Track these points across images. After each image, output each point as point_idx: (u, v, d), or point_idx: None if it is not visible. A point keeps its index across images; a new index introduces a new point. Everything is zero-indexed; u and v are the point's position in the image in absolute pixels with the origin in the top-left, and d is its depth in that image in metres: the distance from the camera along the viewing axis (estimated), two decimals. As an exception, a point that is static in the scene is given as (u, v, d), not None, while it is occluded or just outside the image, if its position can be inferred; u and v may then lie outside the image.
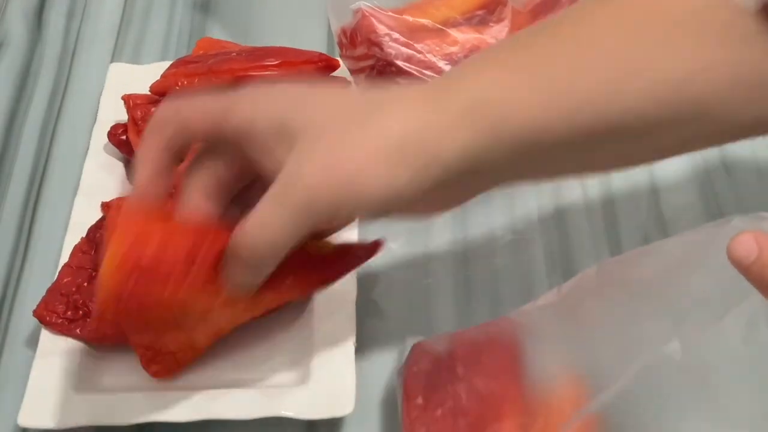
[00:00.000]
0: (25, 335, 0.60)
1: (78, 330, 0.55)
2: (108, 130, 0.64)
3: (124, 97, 0.64)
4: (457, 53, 0.60)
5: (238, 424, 0.52)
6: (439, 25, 0.60)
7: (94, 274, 0.57)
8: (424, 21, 0.60)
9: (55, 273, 0.58)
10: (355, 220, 0.60)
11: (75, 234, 0.60)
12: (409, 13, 0.60)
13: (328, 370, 0.53)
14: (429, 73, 0.59)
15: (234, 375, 0.55)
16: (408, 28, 0.60)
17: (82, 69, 0.76)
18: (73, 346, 0.55)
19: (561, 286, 0.50)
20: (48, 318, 0.55)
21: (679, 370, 0.41)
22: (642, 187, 0.67)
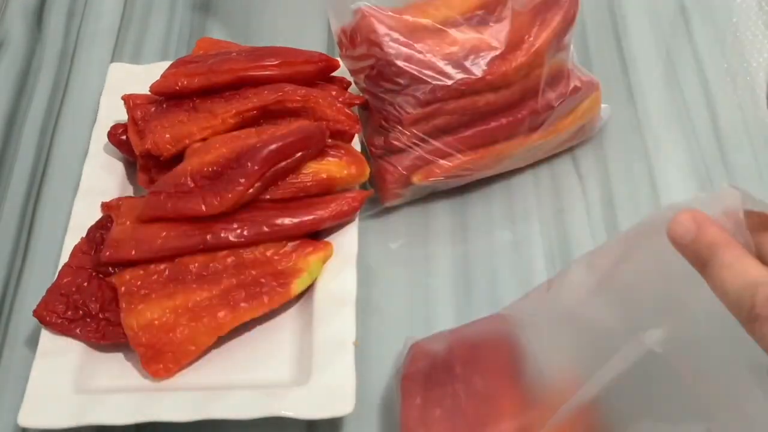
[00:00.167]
0: (25, 335, 0.60)
1: (78, 330, 0.55)
2: (108, 130, 0.64)
3: (124, 97, 0.64)
4: (457, 53, 0.60)
5: (238, 424, 0.52)
6: (439, 25, 0.60)
7: (94, 274, 0.57)
8: (424, 21, 0.60)
9: (55, 273, 0.58)
10: (355, 220, 0.60)
11: (75, 234, 0.60)
12: (409, 13, 0.60)
13: (328, 370, 0.53)
14: (429, 72, 0.59)
15: (234, 375, 0.55)
16: (408, 28, 0.60)
17: (81, 69, 0.76)
18: (73, 346, 0.55)
19: (550, 280, 0.50)
20: (48, 318, 0.55)
21: (660, 360, 0.40)
22: (642, 187, 0.67)
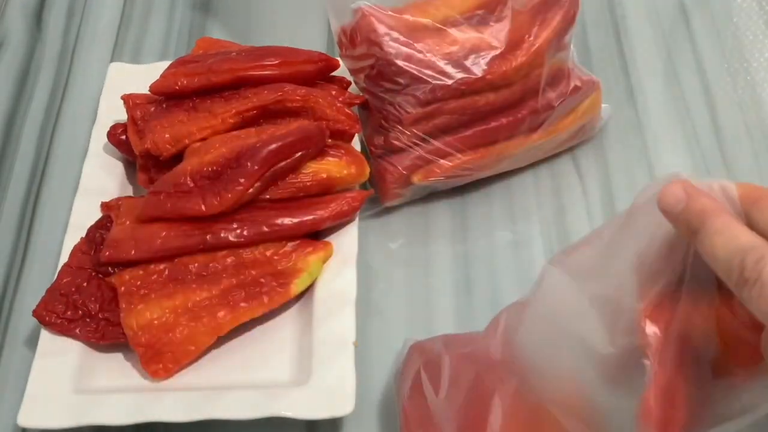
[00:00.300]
0: (25, 335, 0.60)
1: (77, 330, 0.55)
2: (108, 130, 0.64)
3: (123, 97, 0.64)
4: (457, 53, 0.60)
5: (238, 424, 0.52)
6: (439, 25, 0.60)
7: (94, 274, 0.57)
8: (424, 20, 0.60)
9: (55, 273, 0.58)
10: (355, 220, 0.60)
11: (75, 234, 0.60)
12: (409, 12, 0.60)
13: (328, 370, 0.53)
14: (429, 72, 0.59)
15: (234, 375, 0.55)
16: (408, 28, 0.60)
17: (81, 69, 0.76)
18: (73, 346, 0.55)
19: (535, 283, 0.48)
20: (47, 318, 0.55)
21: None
22: (642, 187, 0.66)
